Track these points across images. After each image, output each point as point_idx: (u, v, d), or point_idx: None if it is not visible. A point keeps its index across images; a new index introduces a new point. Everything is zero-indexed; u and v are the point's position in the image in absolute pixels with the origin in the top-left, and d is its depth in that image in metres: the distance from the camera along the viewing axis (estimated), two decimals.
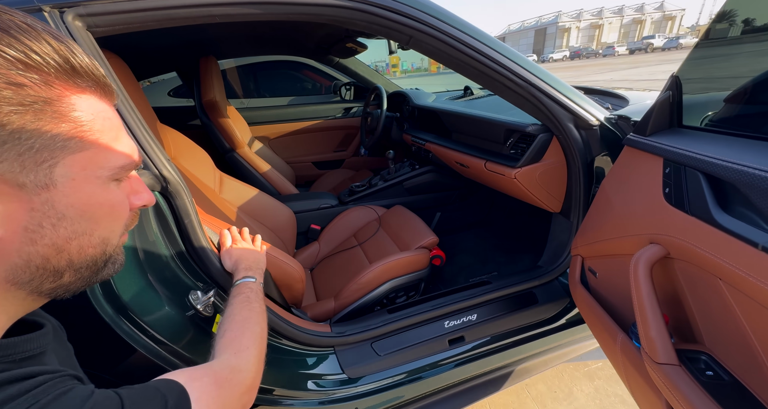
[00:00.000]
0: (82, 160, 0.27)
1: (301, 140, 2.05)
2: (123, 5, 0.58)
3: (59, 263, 0.28)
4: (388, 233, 1.28)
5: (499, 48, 0.78)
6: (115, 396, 0.27)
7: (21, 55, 0.23)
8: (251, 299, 0.56)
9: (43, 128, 0.25)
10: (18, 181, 0.24)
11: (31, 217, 0.26)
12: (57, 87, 0.25)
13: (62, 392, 0.24)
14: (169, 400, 0.30)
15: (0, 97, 0.22)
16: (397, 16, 0.71)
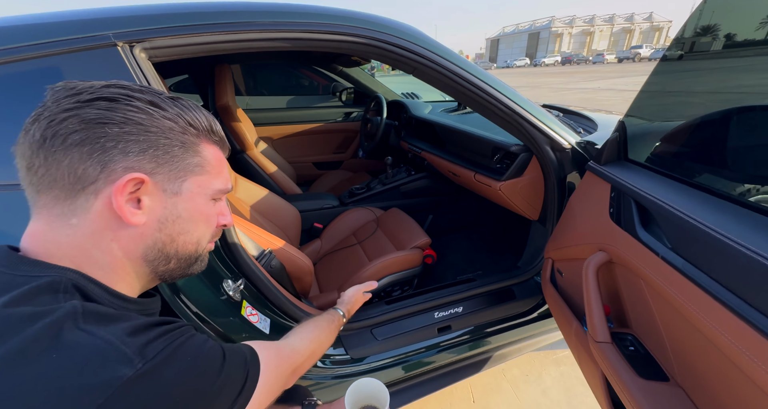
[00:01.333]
0: (199, 181, 0.40)
1: (303, 141, 2.16)
2: (178, 40, 0.69)
3: (170, 250, 0.40)
4: (385, 233, 1.41)
5: (489, 80, 0.92)
6: (218, 346, 0.39)
7: (190, 119, 0.38)
8: (332, 322, 0.70)
9: (187, 159, 0.38)
10: (163, 187, 0.37)
11: (162, 212, 0.38)
12: (201, 139, 0.39)
13: (189, 336, 0.35)
14: (247, 357, 0.43)
15: (173, 138, 0.37)
16: (404, 52, 0.84)
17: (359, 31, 0.79)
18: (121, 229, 0.36)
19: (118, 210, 0.34)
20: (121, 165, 0.34)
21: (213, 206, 0.43)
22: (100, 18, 0.65)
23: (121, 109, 0.34)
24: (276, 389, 0.47)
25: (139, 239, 0.37)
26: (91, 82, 0.36)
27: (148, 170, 0.35)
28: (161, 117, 0.36)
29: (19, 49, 0.59)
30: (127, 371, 0.28)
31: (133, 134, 0.34)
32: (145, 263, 0.39)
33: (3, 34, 0.60)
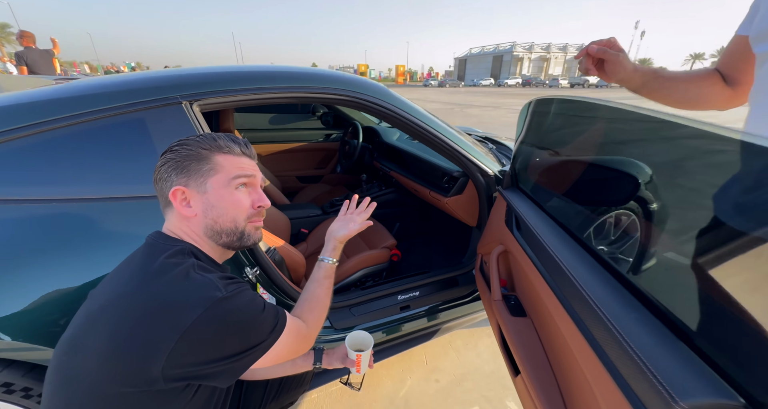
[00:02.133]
0: (216, 179, 0.60)
1: (289, 158, 2.45)
2: (221, 99, 1.00)
3: (218, 228, 0.62)
4: (360, 236, 1.74)
5: (435, 126, 1.30)
6: (263, 300, 0.60)
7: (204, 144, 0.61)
8: (323, 280, 0.80)
9: (202, 168, 0.60)
10: (197, 190, 0.59)
11: (202, 205, 0.60)
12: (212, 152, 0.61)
13: (247, 288, 0.58)
14: (279, 315, 0.62)
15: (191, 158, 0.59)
16: (375, 105, 1.20)
17: (348, 92, 1.15)
18: (188, 220, 0.61)
19: (178, 210, 0.60)
20: (172, 186, 0.59)
21: (238, 193, 0.62)
22: (171, 84, 0.95)
23: (171, 156, 0.60)
24: (292, 350, 0.64)
25: (198, 224, 0.61)
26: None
27: (183, 183, 0.59)
28: (187, 149, 0.60)
29: (124, 106, 0.88)
30: (218, 294, 0.52)
31: (173, 167, 0.60)
32: (210, 239, 0.63)
33: (111, 95, 0.88)
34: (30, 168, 0.81)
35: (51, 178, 0.82)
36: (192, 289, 0.52)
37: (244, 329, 0.55)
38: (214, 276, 0.55)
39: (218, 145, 0.62)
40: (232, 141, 0.64)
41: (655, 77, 0.78)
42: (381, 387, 1.36)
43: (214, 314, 0.50)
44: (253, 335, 0.56)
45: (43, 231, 0.79)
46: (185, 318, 0.49)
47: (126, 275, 0.56)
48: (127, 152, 0.87)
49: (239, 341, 0.54)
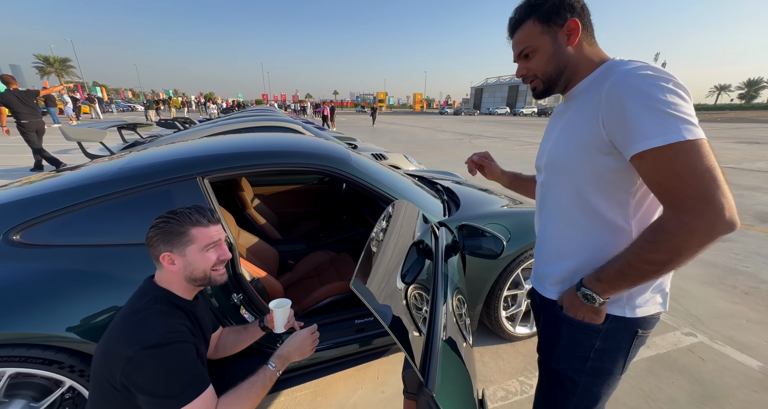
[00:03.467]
0: (192, 247, 0.89)
1: (287, 197, 2.91)
2: (228, 173, 1.44)
3: (192, 277, 0.92)
4: (334, 269, 2.11)
5: (384, 188, 1.69)
6: (192, 362, 0.82)
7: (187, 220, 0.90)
8: (255, 386, 0.92)
9: (183, 239, 0.89)
10: (179, 254, 0.89)
11: (183, 263, 0.90)
12: (188, 227, 0.89)
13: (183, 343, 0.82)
14: (196, 386, 0.80)
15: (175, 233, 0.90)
16: (337, 174, 1.61)
17: (316, 166, 1.57)
18: (171, 272, 0.90)
19: (166, 267, 0.89)
20: (160, 252, 0.87)
21: (208, 253, 0.91)
22: (189, 164, 1.40)
23: (157, 230, 0.88)
24: None
25: (179, 274, 0.90)
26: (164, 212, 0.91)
27: (169, 250, 0.87)
28: (170, 226, 0.87)
29: (157, 182, 1.32)
30: (154, 341, 0.77)
31: (161, 239, 0.87)
32: (187, 282, 0.92)
33: (152, 174, 1.34)
34: (101, 224, 1.26)
35: (114, 230, 1.26)
36: (142, 331, 0.79)
37: (162, 375, 0.76)
38: (166, 323, 0.82)
39: (192, 221, 0.90)
40: (203, 215, 0.92)
41: (515, 178, 1.20)
42: (336, 394, 1.67)
43: (146, 353, 0.75)
44: (167, 384, 0.76)
45: (104, 262, 1.22)
46: (129, 350, 0.75)
47: (122, 309, 0.88)
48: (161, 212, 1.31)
49: (157, 382, 0.75)
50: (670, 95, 0.59)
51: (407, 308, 0.88)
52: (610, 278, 0.69)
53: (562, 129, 0.79)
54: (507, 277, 1.85)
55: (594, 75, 0.73)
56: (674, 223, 0.59)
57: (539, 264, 0.91)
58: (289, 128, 4.00)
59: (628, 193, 0.70)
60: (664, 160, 0.58)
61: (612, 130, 0.65)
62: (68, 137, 2.91)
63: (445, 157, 8.81)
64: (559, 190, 0.80)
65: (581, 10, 0.73)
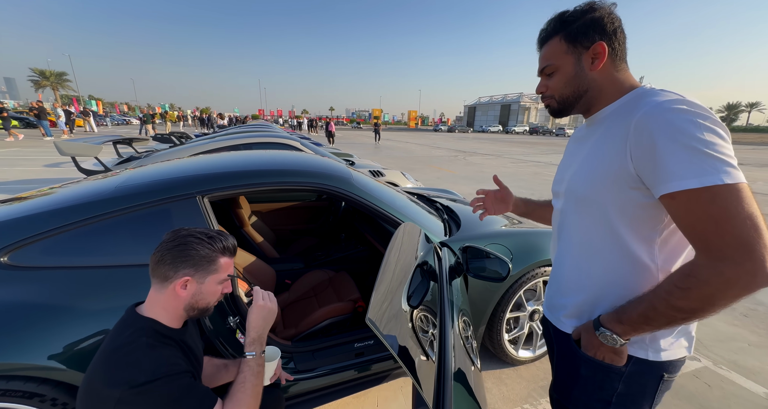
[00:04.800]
0: (214, 277, 0.85)
1: (285, 214, 2.87)
2: (226, 192, 1.42)
3: (195, 306, 0.86)
4: (333, 289, 2.06)
5: (384, 207, 1.68)
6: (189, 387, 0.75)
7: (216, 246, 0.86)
8: (246, 382, 0.86)
9: (210, 267, 0.84)
10: (198, 281, 0.84)
11: (194, 291, 0.84)
12: (218, 255, 0.86)
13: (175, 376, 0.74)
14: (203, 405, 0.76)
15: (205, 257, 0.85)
16: (337, 193, 1.60)
17: (315, 184, 1.56)
18: (174, 297, 0.82)
19: (176, 290, 0.81)
20: (180, 274, 0.80)
21: (220, 286, 0.88)
22: (189, 183, 1.38)
23: (192, 246, 0.82)
24: None
25: (181, 302, 0.83)
26: (180, 229, 0.84)
27: (192, 274, 0.81)
28: (202, 248, 0.82)
29: (156, 201, 1.29)
30: (141, 379, 0.70)
31: (183, 259, 0.80)
32: (185, 311, 0.86)
33: (152, 193, 1.31)
34: (96, 244, 1.21)
35: (110, 250, 1.21)
36: (127, 368, 0.72)
37: (161, 406, 0.71)
38: (154, 357, 0.74)
39: (221, 248, 0.86)
40: (231, 245, 0.89)
41: (527, 205, 1.18)
42: None
43: (134, 391, 0.70)
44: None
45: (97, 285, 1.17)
46: (116, 391, 0.69)
47: (103, 345, 0.79)
48: (159, 232, 1.27)
49: None
50: (707, 133, 0.56)
51: (413, 330, 0.87)
52: (633, 321, 0.65)
53: (586, 157, 0.75)
54: (509, 298, 1.82)
55: (621, 102, 0.70)
56: (708, 271, 0.55)
57: (554, 294, 0.88)
58: (286, 145, 4.01)
59: (654, 230, 0.67)
60: (700, 204, 0.55)
61: (640, 165, 0.62)
62: (62, 152, 2.87)
63: (441, 174, 8.89)
64: (579, 220, 0.77)
65: (612, 33, 0.69)
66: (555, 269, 0.88)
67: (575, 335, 0.78)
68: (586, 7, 0.71)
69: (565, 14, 0.72)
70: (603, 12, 0.69)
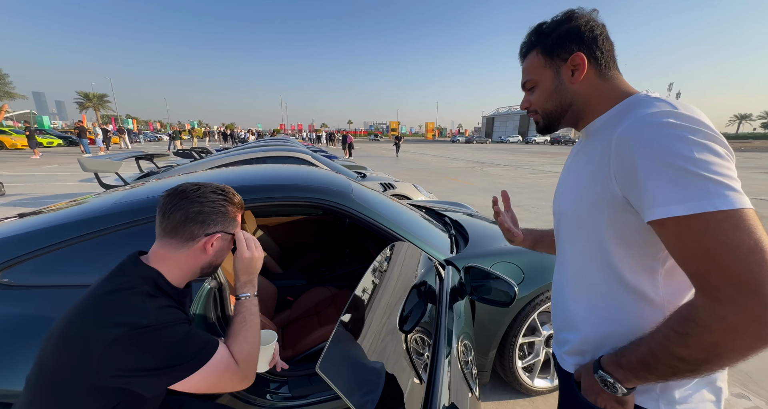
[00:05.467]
0: (235, 232, 0.84)
1: (290, 228, 2.85)
2: None
3: (214, 263, 0.82)
4: (335, 307, 1.98)
5: (387, 223, 1.60)
6: (191, 331, 0.71)
7: (236, 202, 0.86)
8: (247, 320, 0.83)
9: (231, 223, 0.83)
10: (223, 237, 0.82)
11: (219, 248, 0.81)
12: (237, 210, 0.85)
13: (178, 322, 0.70)
14: (206, 348, 0.71)
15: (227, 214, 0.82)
16: (338, 209, 1.54)
17: (317, 200, 1.51)
18: (193, 256, 0.78)
19: (204, 248, 0.78)
20: (211, 230, 0.78)
21: (231, 242, 0.85)
22: None
23: (221, 203, 0.80)
24: (214, 383, 0.71)
25: (199, 261, 0.79)
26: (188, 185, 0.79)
27: (221, 230, 0.79)
28: (225, 204, 0.80)
29: (152, 217, 1.28)
30: (144, 321, 0.64)
31: (216, 216, 0.79)
32: (201, 269, 0.81)
33: (148, 207, 1.30)
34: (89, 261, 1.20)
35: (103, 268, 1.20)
36: (127, 312, 0.66)
37: (161, 351, 0.65)
38: (154, 305, 0.68)
39: (239, 203, 0.86)
40: (241, 200, 0.88)
41: (533, 235, 1.06)
42: None
43: (133, 335, 0.63)
44: (172, 357, 0.66)
45: None
46: (112, 333, 0.62)
47: (92, 288, 0.73)
48: None
49: (156, 360, 0.65)
50: (698, 151, 0.47)
51: (407, 352, 0.83)
52: (633, 367, 0.55)
53: (573, 175, 0.70)
54: (522, 321, 1.67)
55: (612, 112, 0.63)
56: (707, 314, 0.46)
57: (557, 327, 0.78)
58: (298, 158, 4.05)
59: (654, 259, 0.58)
60: (690, 234, 0.47)
61: (624, 187, 0.54)
62: (85, 168, 3.01)
63: (457, 185, 8.73)
64: (573, 247, 0.69)
65: (592, 42, 0.63)
66: (555, 299, 0.78)
67: (577, 377, 0.68)
68: (563, 17, 0.65)
69: (542, 26, 0.68)
70: (581, 21, 0.64)
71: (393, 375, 0.72)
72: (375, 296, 0.91)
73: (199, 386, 0.69)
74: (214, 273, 0.87)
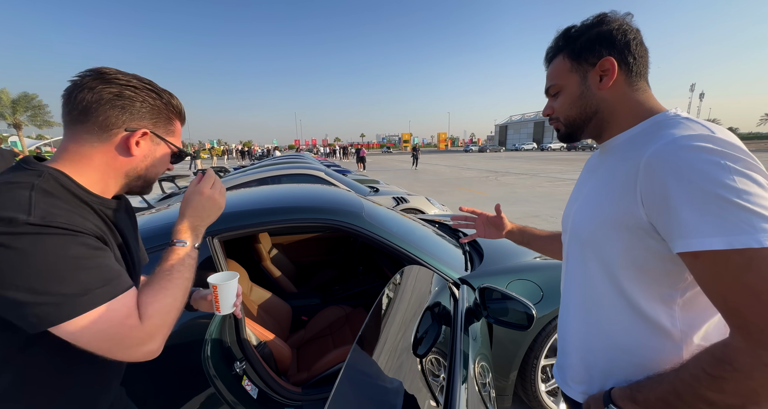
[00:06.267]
0: (171, 140, 0.67)
1: (305, 246, 2.87)
2: (235, 232, 1.42)
3: (142, 174, 0.65)
4: (349, 327, 1.96)
5: (398, 241, 1.59)
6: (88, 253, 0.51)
7: (174, 104, 0.66)
8: (174, 270, 0.62)
9: (168, 126, 0.66)
10: (152, 139, 0.63)
11: (146, 153, 0.63)
12: (174, 117, 0.68)
13: (61, 232, 0.49)
14: (100, 287, 0.50)
15: (163, 112, 0.64)
16: (347, 228, 1.54)
17: (326, 221, 1.52)
18: (123, 156, 0.61)
19: (127, 145, 0.60)
20: (135, 122, 0.60)
21: (168, 159, 0.69)
22: None
23: (151, 94, 0.62)
24: (101, 338, 0.51)
25: (131, 162, 0.63)
26: (103, 68, 0.59)
27: (150, 128, 0.62)
28: (158, 100, 0.63)
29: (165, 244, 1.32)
30: (22, 217, 0.46)
31: (144, 107, 0.61)
32: (126, 178, 0.64)
33: (156, 235, 1.34)
34: None
35: None
36: (6, 203, 0.47)
37: (40, 264, 0.47)
38: (48, 202, 0.50)
39: (177, 109, 0.68)
40: (183, 110, 0.70)
41: (524, 233, 1.06)
42: None
43: (9, 234, 0.45)
44: (52, 279, 0.47)
45: None
46: None
47: None
48: None
49: (30, 277, 0.46)
50: (739, 178, 0.44)
51: (423, 374, 0.82)
52: (650, 404, 0.51)
53: (591, 191, 0.65)
54: (543, 342, 1.60)
55: (637, 130, 0.60)
56: (749, 359, 0.42)
57: (561, 351, 0.74)
58: (311, 175, 4.12)
59: (673, 289, 0.54)
60: (729, 269, 0.43)
61: (653, 213, 0.51)
62: None
63: (471, 196, 8.64)
64: (583, 268, 0.65)
65: (624, 47, 0.60)
66: (561, 321, 0.75)
67: (585, 408, 0.64)
68: (595, 21, 0.63)
69: (571, 30, 0.65)
70: (613, 24, 0.61)
71: (410, 397, 0.71)
72: (388, 319, 0.91)
73: (81, 335, 0.49)
74: (145, 192, 0.71)
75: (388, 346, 0.81)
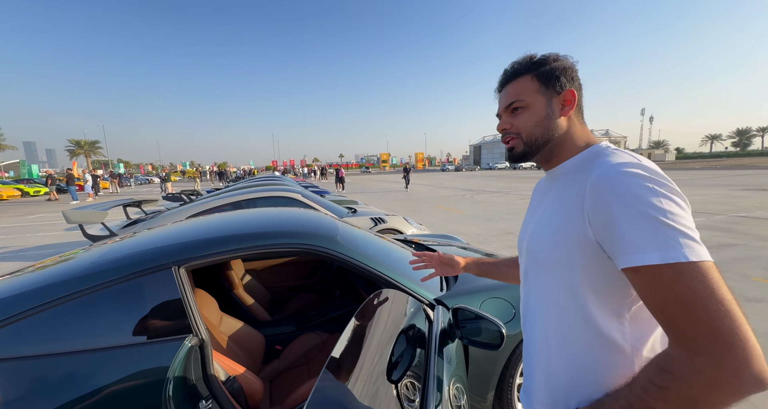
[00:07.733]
0: None
1: (281, 270, 2.80)
2: (203, 261, 1.38)
3: None
4: (326, 354, 1.90)
5: (373, 264, 1.60)
6: None
7: None
8: None
9: None
10: None
11: None
12: None
13: None
14: None
15: None
16: (322, 253, 1.54)
17: (300, 245, 1.51)
18: None
19: None
20: None
21: None
22: (164, 253, 1.35)
23: None
24: None
25: None
26: None
27: None
28: None
29: (128, 275, 1.26)
30: None
31: None
32: None
33: (122, 268, 1.28)
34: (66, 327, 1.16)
35: (77, 334, 1.15)
36: None
37: None
38: None
39: None
40: None
41: (481, 265, 1.11)
42: None
43: None
44: None
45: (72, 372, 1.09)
46: None
47: None
48: (133, 308, 1.21)
49: None
50: (665, 201, 0.50)
51: (398, 399, 0.82)
52: None
53: (543, 215, 0.70)
54: (517, 360, 1.62)
55: (578, 158, 0.67)
56: (685, 367, 0.46)
57: (527, 374, 0.76)
58: (287, 198, 4.08)
59: (621, 304, 0.58)
60: (664, 283, 0.48)
61: (599, 232, 0.55)
62: (69, 220, 2.97)
63: (448, 215, 8.80)
64: (543, 289, 0.69)
65: (579, 87, 0.69)
66: (525, 344, 0.77)
67: None
68: (555, 56, 0.70)
69: (535, 57, 0.71)
70: (568, 63, 0.70)
71: None
72: (361, 345, 0.91)
73: None
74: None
75: (364, 369, 0.80)
